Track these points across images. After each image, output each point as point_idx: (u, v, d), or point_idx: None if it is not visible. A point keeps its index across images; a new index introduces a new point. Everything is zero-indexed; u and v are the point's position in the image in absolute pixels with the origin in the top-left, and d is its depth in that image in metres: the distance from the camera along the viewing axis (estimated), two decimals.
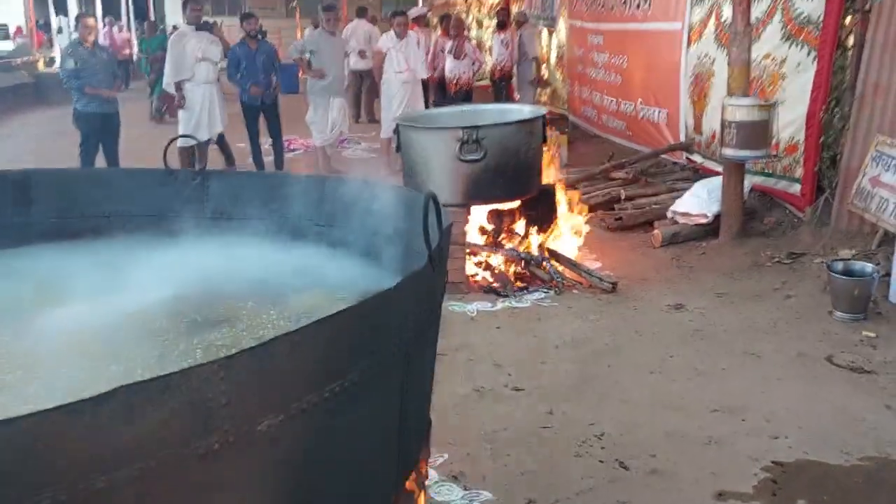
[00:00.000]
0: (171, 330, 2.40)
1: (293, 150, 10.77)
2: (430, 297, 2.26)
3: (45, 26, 24.63)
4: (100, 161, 7.71)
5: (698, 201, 8.17)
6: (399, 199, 2.79)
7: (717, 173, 8.33)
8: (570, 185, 8.50)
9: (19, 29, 24.24)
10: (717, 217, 8.02)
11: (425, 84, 10.14)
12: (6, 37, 24.61)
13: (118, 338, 2.37)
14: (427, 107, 10.00)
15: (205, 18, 8.70)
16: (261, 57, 8.23)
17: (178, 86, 7.88)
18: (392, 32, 9.25)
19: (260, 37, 8.18)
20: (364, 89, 14.35)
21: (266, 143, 9.07)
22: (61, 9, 25.02)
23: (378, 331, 1.93)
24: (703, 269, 7.48)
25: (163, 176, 3.24)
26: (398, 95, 9.11)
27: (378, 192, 2.96)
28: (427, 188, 6.12)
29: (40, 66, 19.81)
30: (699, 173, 9.63)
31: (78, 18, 8.23)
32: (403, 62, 8.92)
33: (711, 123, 9.19)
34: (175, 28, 15.31)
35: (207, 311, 2.58)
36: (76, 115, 7.72)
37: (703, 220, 8.07)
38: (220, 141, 8.72)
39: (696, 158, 10.03)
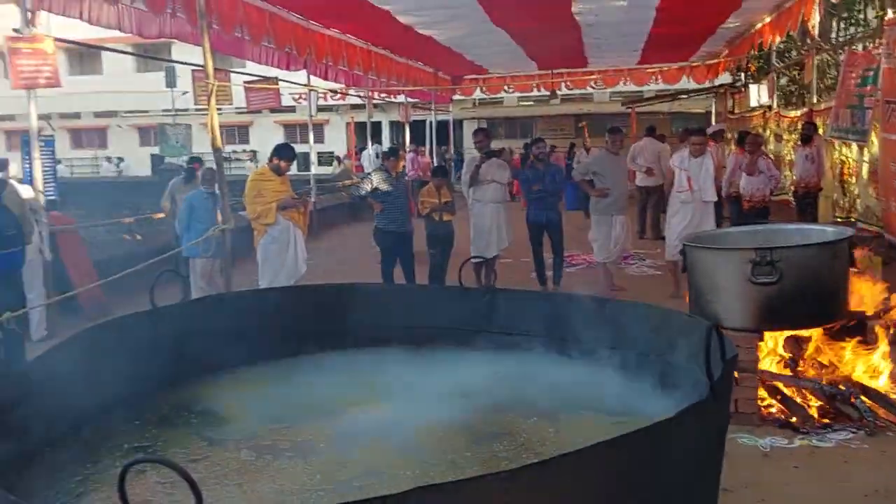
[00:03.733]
0: (459, 437, 2.57)
1: (574, 265, 10.98)
2: (712, 430, 2.18)
3: (361, 153, 28.19)
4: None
5: None
6: (679, 326, 2.76)
7: None
8: (884, 311, 7.60)
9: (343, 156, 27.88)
10: None
11: (721, 202, 9.88)
12: (332, 162, 28.67)
13: (412, 440, 2.59)
14: (720, 224, 9.69)
15: (493, 146, 9.40)
16: (548, 177, 8.69)
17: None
18: (686, 151, 9.21)
19: (547, 159, 8.70)
20: (650, 205, 14.34)
21: (549, 258, 9.40)
22: (376, 138, 28.78)
23: (658, 460, 1.90)
24: None
25: (458, 293, 3.53)
26: (678, 214, 8.96)
27: (657, 316, 2.95)
28: (715, 312, 5.86)
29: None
30: None
31: (391, 150, 9.31)
32: (685, 181, 8.81)
33: None
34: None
35: (491, 422, 2.73)
36: (376, 232, 8.53)
37: None
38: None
39: None
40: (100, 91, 32.93)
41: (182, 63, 11.33)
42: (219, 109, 7.62)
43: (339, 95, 20.83)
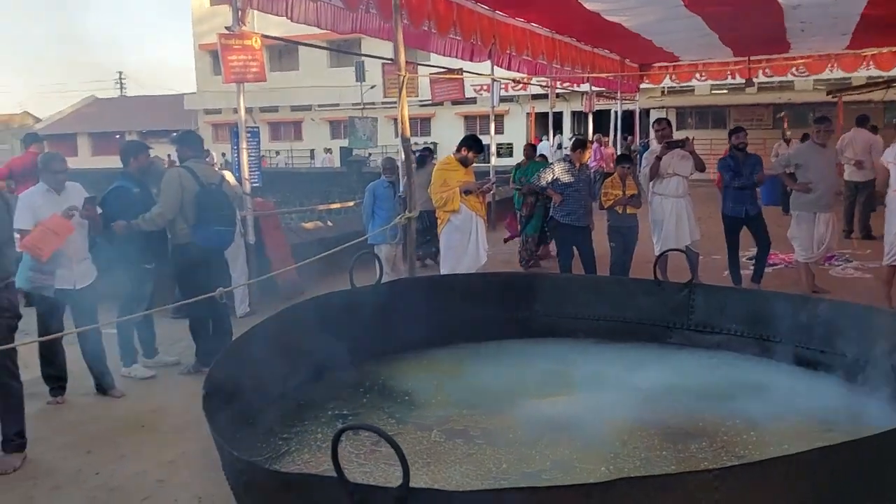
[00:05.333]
0: (651, 435, 2.46)
1: (772, 265, 10.26)
2: None
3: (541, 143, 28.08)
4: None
5: None
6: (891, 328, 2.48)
7: None
8: None
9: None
10: None
11: None
12: (510, 154, 28.83)
13: (601, 435, 2.51)
14: None
15: (676, 136, 8.92)
16: (746, 169, 8.15)
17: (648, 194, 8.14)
18: None
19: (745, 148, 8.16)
20: (859, 202, 13.09)
21: (743, 256, 8.84)
22: (558, 128, 28.47)
23: (880, 472, 1.73)
24: None
25: (651, 286, 3.39)
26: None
27: (868, 317, 2.67)
28: None
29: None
30: None
31: (578, 141, 9.08)
32: None
33: None
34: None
35: (686, 421, 2.59)
36: (552, 224, 8.37)
37: None
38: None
39: None
40: (296, 86, 35.25)
41: (373, 57, 11.76)
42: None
43: (520, 85, 20.83)
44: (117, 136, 38.17)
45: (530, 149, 10.24)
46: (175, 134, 6.31)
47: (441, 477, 2.32)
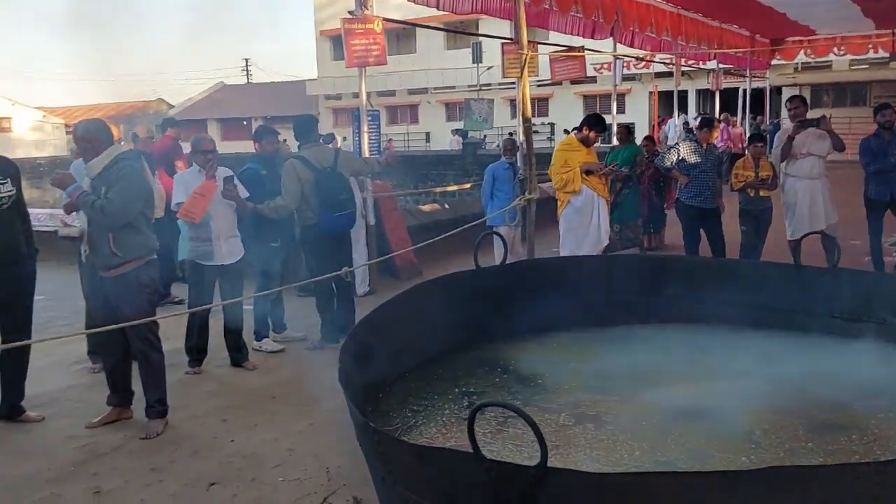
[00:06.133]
0: (794, 426, 2.33)
1: None
2: None
3: (663, 122, 27.10)
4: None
5: None
6: None
7: None
8: None
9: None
10: None
11: None
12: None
13: (739, 425, 2.40)
14: None
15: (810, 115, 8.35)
16: (892, 148, 7.56)
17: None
18: None
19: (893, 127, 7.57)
20: None
21: (885, 241, 8.24)
22: (682, 107, 27.42)
23: None
24: None
25: (789, 271, 3.20)
26: None
27: None
28: None
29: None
30: None
31: (705, 120, 8.67)
32: None
33: None
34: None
35: (832, 413, 2.44)
36: (679, 205, 8.02)
37: None
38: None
39: None
40: (413, 69, 35.65)
41: (491, 37, 11.69)
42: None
43: (643, 63, 20.19)
44: (244, 122, 39.89)
45: (625, 131, 9.80)
46: (293, 120, 6.51)
47: (570, 461, 2.28)
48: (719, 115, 18.79)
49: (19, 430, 4.07)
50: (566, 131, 10.58)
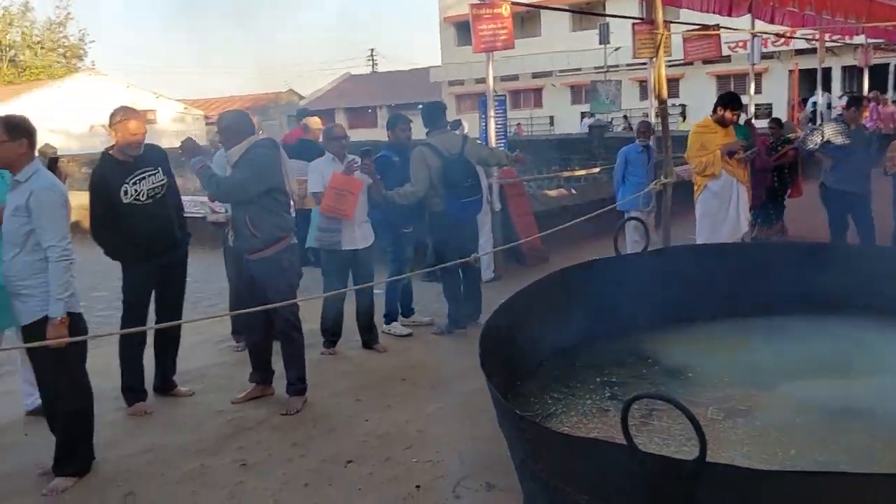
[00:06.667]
0: None
1: None
2: None
3: (804, 102, 25.50)
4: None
5: None
6: None
7: None
8: None
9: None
10: None
11: None
12: (769, 115, 26.30)
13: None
14: None
15: None
16: None
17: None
18: None
19: None
20: None
21: None
22: (826, 85, 25.59)
23: None
24: None
25: None
26: None
27: None
28: None
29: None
30: None
31: (853, 99, 8.05)
32: None
33: None
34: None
35: None
36: (824, 190, 7.50)
37: None
38: None
39: None
40: (538, 53, 35.21)
41: (619, 17, 11.36)
42: (655, 62, 7.41)
43: (782, 41, 19.04)
44: (369, 111, 40.79)
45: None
46: (420, 106, 6.55)
47: (721, 457, 2.17)
48: (868, 94, 17.52)
49: (173, 404, 4.34)
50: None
